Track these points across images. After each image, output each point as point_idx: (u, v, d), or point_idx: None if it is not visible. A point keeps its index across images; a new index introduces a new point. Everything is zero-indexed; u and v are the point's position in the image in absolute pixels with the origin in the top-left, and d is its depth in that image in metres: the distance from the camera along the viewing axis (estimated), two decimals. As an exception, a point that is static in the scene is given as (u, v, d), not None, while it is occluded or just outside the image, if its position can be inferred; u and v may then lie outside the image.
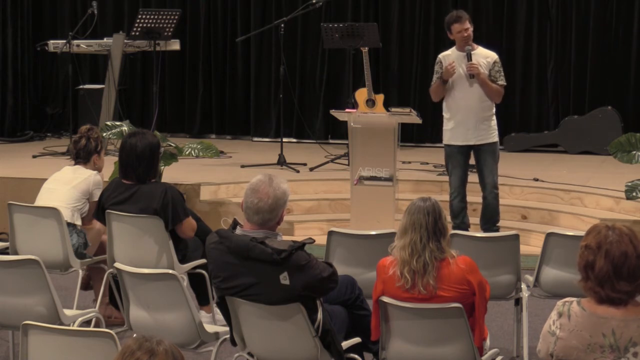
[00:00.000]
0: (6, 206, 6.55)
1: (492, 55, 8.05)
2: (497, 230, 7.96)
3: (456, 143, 8.05)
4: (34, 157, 10.75)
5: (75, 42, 10.80)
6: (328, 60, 12.20)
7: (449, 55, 8.08)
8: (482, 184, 8.12)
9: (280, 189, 4.66)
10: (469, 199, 8.21)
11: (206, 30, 12.67)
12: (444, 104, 8.14)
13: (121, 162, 6.29)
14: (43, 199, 6.61)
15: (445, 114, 8.13)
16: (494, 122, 8.07)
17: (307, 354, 4.68)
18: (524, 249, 6.11)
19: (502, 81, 8.00)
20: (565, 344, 3.57)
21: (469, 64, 7.93)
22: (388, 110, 8.66)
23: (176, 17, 10.84)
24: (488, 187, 8.08)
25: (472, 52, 7.95)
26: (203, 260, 6.09)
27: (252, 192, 4.65)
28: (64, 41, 10.69)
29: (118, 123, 8.79)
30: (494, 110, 8.08)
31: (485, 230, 7.99)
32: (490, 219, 8.13)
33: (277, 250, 4.52)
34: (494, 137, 8.07)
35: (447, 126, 8.11)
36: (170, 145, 8.59)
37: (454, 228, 7.80)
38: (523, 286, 5.88)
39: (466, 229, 7.93)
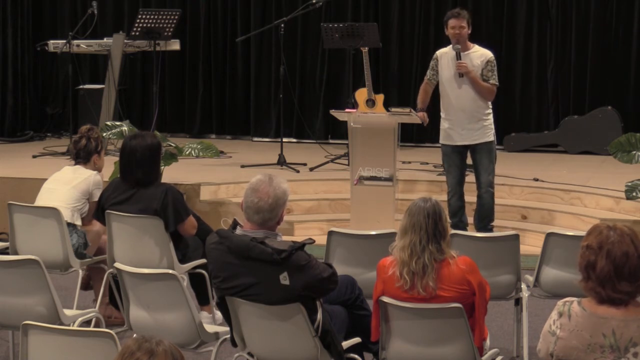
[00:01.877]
0: (6, 206, 6.54)
1: (487, 55, 8.04)
2: (491, 230, 7.96)
3: (450, 143, 8.08)
4: (34, 157, 10.75)
5: (75, 42, 10.80)
6: (328, 60, 12.20)
7: (446, 53, 8.09)
8: (478, 183, 8.13)
9: (281, 189, 4.66)
10: (468, 198, 8.21)
11: (206, 30, 12.67)
12: (440, 104, 8.16)
13: (121, 166, 6.28)
14: (43, 199, 6.60)
15: (442, 114, 8.16)
16: (490, 121, 8.06)
17: (307, 354, 4.68)
18: (524, 249, 6.11)
19: (493, 80, 7.98)
20: (565, 344, 3.57)
21: (458, 63, 7.93)
22: (388, 110, 8.65)
23: (176, 17, 10.84)
24: (483, 185, 8.09)
25: (468, 52, 7.96)
26: (203, 260, 6.08)
27: (252, 191, 4.65)
28: (64, 41, 10.69)
29: (118, 123, 8.79)
30: (490, 110, 8.08)
31: (479, 229, 7.99)
32: (484, 218, 8.12)
33: (277, 250, 4.52)
34: (490, 137, 8.05)
35: (442, 126, 8.14)
36: (170, 145, 8.59)
37: (452, 226, 7.80)
38: (523, 286, 5.87)
39: (464, 228, 7.96)
